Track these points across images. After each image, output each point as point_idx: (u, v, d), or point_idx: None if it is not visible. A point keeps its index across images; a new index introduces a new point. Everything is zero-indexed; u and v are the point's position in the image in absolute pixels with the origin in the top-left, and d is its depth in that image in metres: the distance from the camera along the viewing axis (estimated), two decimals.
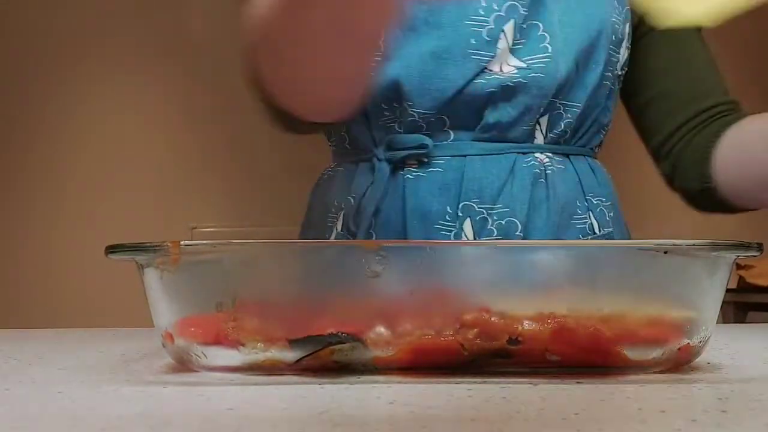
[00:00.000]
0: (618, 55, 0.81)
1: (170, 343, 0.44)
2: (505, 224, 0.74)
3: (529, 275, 0.43)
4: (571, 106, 0.78)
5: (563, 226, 0.77)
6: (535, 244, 0.46)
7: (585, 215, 0.78)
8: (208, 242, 0.42)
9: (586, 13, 0.78)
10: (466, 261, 0.43)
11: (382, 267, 0.41)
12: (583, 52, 0.77)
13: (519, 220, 0.74)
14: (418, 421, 0.32)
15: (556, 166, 0.78)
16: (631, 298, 0.42)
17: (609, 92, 0.81)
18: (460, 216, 0.74)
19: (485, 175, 0.75)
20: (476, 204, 0.74)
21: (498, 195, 0.75)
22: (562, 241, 0.75)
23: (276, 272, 0.44)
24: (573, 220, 0.78)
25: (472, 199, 0.74)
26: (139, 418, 0.33)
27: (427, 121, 0.76)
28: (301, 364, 0.43)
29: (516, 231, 0.74)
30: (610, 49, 0.79)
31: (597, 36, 0.78)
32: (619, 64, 0.82)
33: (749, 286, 2.62)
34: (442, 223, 0.74)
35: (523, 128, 0.76)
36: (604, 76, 0.79)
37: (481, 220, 0.74)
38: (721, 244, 0.42)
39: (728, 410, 0.33)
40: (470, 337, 0.41)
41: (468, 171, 0.75)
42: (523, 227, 0.74)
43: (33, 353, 0.58)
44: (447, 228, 0.74)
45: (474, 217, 0.74)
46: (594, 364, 0.42)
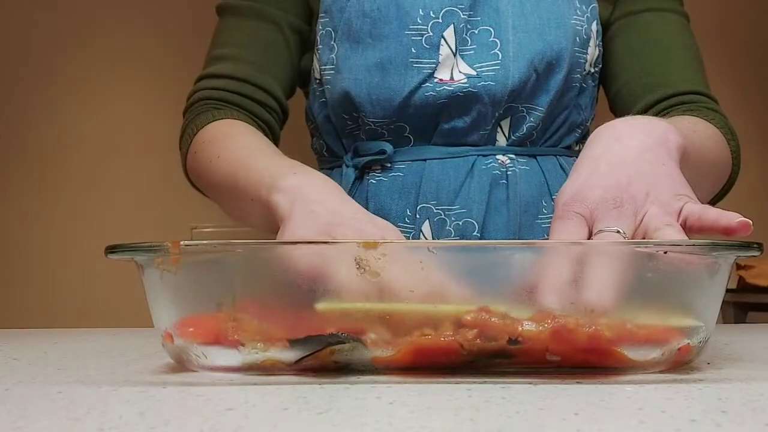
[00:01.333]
0: (585, 56, 0.80)
1: (170, 343, 0.44)
2: (462, 225, 0.75)
3: (529, 276, 0.43)
4: (534, 110, 0.77)
5: (526, 226, 0.77)
6: (535, 244, 0.46)
7: (550, 215, 0.78)
8: (208, 242, 0.42)
9: (542, 17, 0.77)
10: (464, 261, 0.43)
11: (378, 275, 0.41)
12: (541, 57, 0.76)
13: (476, 220, 0.75)
14: (417, 421, 0.32)
15: (519, 167, 0.77)
16: (630, 299, 0.42)
17: (579, 92, 0.81)
18: (418, 218, 0.75)
19: (443, 177, 0.76)
20: (434, 206, 0.75)
21: (455, 196, 0.75)
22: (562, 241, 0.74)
23: (276, 272, 0.44)
24: (538, 219, 0.78)
25: (430, 201, 0.76)
26: (139, 418, 0.33)
27: (387, 129, 0.77)
28: (301, 364, 0.43)
29: (473, 231, 0.75)
30: (574, 51, 0.78)
31: (556, 41, 0.77)
32: (589, 63, 0.81)
33: (749, 286, 2.61)
34: (401, 225, 0.76)
35: (480, 133, 0.76)
36: (571, 78, 0.79)
37: (438, 222, 0.75)
38: (721, 244, 0.42)
39: (728, 410, 0.33)
40: (470, 338, 0.41)
41: (426, 174, 0.76)
42: (480, 228, 0.75)
43: (33, 353, 0.58)
44: (406, 230, 0.76)
45: (432, 218, 0.75)
46: (594, 364, 0.42)
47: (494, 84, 0.74)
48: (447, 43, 0.75)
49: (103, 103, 3.07)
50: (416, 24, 0.75)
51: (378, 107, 0.76)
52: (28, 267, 3.00)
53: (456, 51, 0.75)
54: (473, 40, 0.75)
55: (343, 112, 0.79)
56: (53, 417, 0.33)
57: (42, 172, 3.04)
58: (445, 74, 0.75)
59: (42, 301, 2.95)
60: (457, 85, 0.74)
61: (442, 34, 0.75)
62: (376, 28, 0.76)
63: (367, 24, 0.76)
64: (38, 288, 2.98)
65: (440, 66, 0.75)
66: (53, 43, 3.05)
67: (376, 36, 0.76)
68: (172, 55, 3.06)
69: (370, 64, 0.76)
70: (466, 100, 0.75)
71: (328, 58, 0.79)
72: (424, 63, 0.75)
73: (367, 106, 0.76)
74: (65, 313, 2.87)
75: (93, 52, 3.07)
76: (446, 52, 0.75)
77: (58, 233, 3.00)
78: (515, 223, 0.76)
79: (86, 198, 3.03)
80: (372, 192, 0.78)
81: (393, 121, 0.77)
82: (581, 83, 0.81)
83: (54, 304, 2.93)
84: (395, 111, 0.76)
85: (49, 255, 3.00)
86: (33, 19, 3.07)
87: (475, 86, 0.74)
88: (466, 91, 0.74)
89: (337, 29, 0.78)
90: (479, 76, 0.74)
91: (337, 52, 0.78)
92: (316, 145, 0.88)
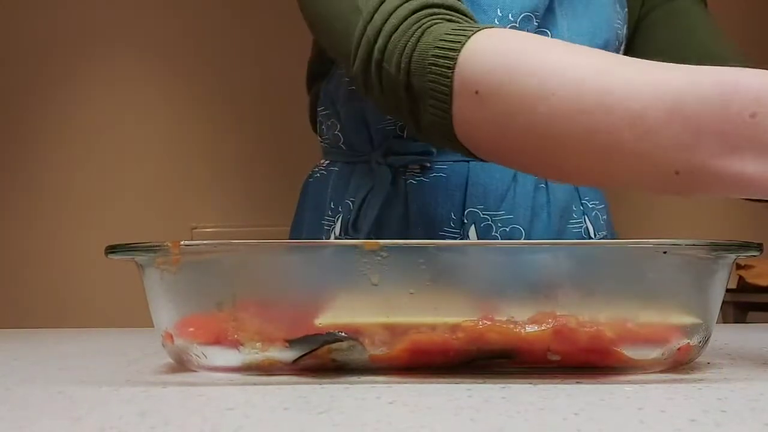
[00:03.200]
0: None
1: (170, 343, 0.44)
2: (510, 231, 0.73)
3: (529, 276, 0.43)
4: None
5: (561, 231, 0.76)
6: (535, 245, 0.46)
7: (581, 219, 0.78)
8: (208, 242, 0.42)
9: (593, 21, 0.77)
10: (466, 262, 0.43)
11: (379, 276, 0.41)
12: None
13: (522, 226, 0.73)
14: (417, 421, 0.32)
15: None
16: (631, 299, 0.42)
17: None
18: (465, 222, 0.73)
19: (489, 180, 0.74)
20: (481, 210, 0.73)
21: (501, 201, 0.74)
22: (562, 241, 0.74)
23: (276, 272, 0.44)
24: (570, 224, 0.77)
25: (477, 205, 0.73)
26: (139, 418, 0.33)
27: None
28: (300, 363, 0.43)
29: (520, 237, 0.73)
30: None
31: (604, 43, 0.77)
32: None
33: (749, 286, 2.62)
34: (446, 229, 0.73)
35: None
36: None
37: (485, 227, 0.73)
38: (721, 244, 0.42)
39: (728, 410, 0.33)
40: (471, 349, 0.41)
41: (472, 176, 0.74)
42: (527, 233, 0.73)
43: (33, 353, 0.58)
44: (452, 234, 0.73)
45: (479, 223, 0.73)
46: (594, 363, 0.42)
47: None
48: None
49: (104, 104, 3.07)
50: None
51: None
52: (29, 267, 3.00)
53: None
54: None
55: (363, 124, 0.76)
56: (54, 417, 0.33)
57: (43, 172, 3.04)
58: None
59: (43, 301, 2.95)
60: None
61: None
62: None
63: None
64: (39, 288, 2.98)
65: None
66: (57, 47, 3.05)
67: None
68: (174, 59, 3.06)
69: None
70: None
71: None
72: None
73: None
74: (66, 313, 2.87)
75: (96, 56, 3.07)
76: None
77: (59, 233, 3.00)
78: (555, 228, 0.75)
79: (87, 198, 3.03)
80: (413, 194, 0.75)
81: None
82: None
83: (54, 304, 2.93)
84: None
85: (49, 255, 3.00)
86: (37, 24, 3.07)
87: None
88: None
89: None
90: None
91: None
92: (329, 136, 0.83)
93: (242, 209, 3.06)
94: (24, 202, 3.03)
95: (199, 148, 3.04)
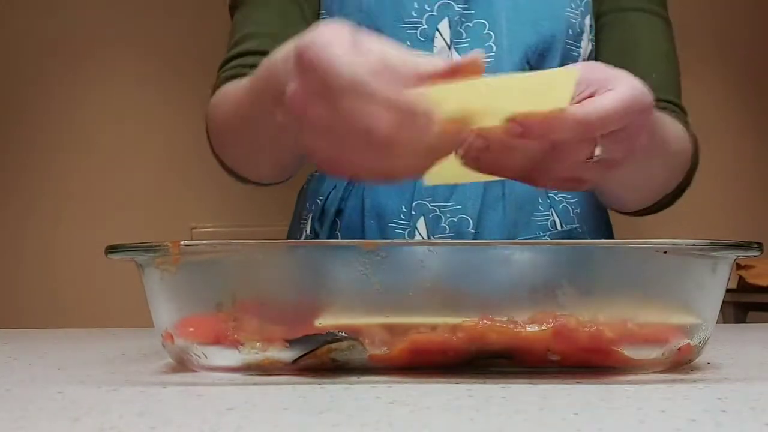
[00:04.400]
0: (578, 49, 0.80)
1: (170, 343, 0.44)
2: (458, 221, 0.75)
3: (530, 276, 0.43)
4: None
5: (522, 224, 0.77)
6: (535, 245, 0.46)
7: (547, 212, 0.78)
8: (208, 242, 0.42)
9: (536, 9, 0.77)
10: (466, 262, 0.43)
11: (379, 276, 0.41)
12: (535, 50, 0.76)
13: (471, 216, 0.75)
14: (417, 421, 0.32)
15: None
16: (631, 299, 0.42)
17: None
18: (413, 214, 0.75)
19: None
20: (429, 202, 0.76)
21: (451, 193, 0.76)
22: (562, 241, 0.75)
23: (276, 272, 0.44)
24: (533, 217, 0.78)
25: (425, 197, 0.76)
26: (139, 418, 0.33)
27: None
28: (299, 363, 0.43)
29: (468, 228, 0.75)
30: (567, 44, 0.78)
31: (550, 33, 0.77)
32: (582, 57, 0.81)
33: (749, 286, 2.61)
34: (396, 221, 0.76)
35: None
36: None
37: (434, 218, 0.75)
38: (721, 244, 0.42)
39: (728, 410, 0.33)
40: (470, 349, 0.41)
41: None
42: (475, 224, 0.75)
43: (33, 353, 0.58)
44: (401, 226, 0.76)
45: (427, 215, 0.75)
46: (595, 363, 0.42)
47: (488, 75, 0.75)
48: (441, 36, 0.76)
49: (104, 105, 3.07)
50: (411, 17, 0.76)
51: None
52: (29, 267, 3.00)
53: (450, 43, 0.76)
54: (468, 33, 0.76)
55: None
56: (53, 417, 0.33)
57: (43, 172, 3.04)
58: None
59: (42, 301, 2.95)
60: None
61: (436, 27, 0.76)
62: (372, 22, 0.77)
63: (363, 19, 0.77)
64: (39, 288, 2.98)
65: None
66: (57, 48, 3.05)
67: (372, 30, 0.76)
68: (173, 59, 3.06)
69: None
70: None
71: None
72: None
73: None
74: (66, 313, 2.87)
75: (96, 57, 3.07)
76: (441, 44, 0.76)
77: (59, 233, 3.00)
78: (511, 221, 0.76)
79: (87, 198, 3.03)
80: (368, 189, 0.78)
81: None
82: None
83: (54, 304, 2.93)
84: None
85: (49, 255, 3.00)
86: (37, 25, 3.07)
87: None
88: None
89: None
90: None
91: None
92: None
93: (242, 209, 3.06)
94: (24, 201, 3.03)
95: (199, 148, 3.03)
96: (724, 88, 3.13)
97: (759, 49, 3.16)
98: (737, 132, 3.14)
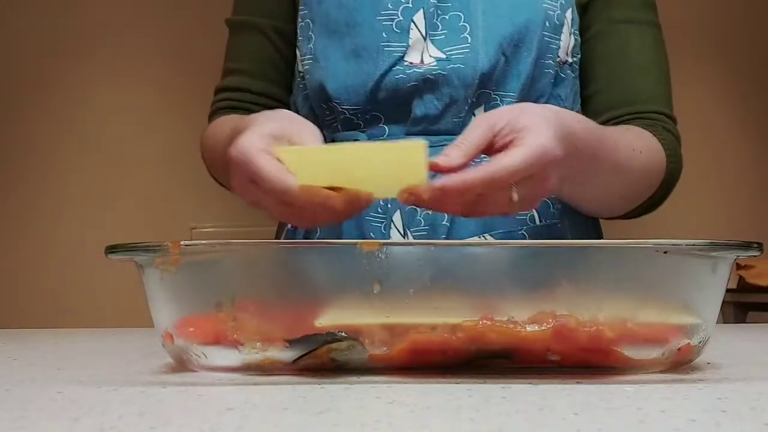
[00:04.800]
0: (557, 41, 0.79)
1: (170, 343, 0.44)
2: (432, 214, 0.75)
3: (530, 276, 0.43)
4: (507, 96, 0.78)
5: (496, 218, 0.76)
6: (535, 245, 0.46)
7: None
8: (208, 242, 0.43)
9: (512, 2, 0.78)
10: (466, 262, 0.43)
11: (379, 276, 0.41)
12: (510, 41, 0.77)
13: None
14: (417, 421, 0.32)
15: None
16: (631, 299, 0.42)
17: (556, 81, 0.80)
18: (389, 207, 0.76)
19: None
20: None
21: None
22: (562, 241, 0.74)
23: (276, 272, 0.44)
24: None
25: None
26: (139, 418, 0.33)
27: (362, 119, 0.78)
28: (299, 363, 0.43)
29: (443, 221, 0.75)
30: (543, 35, 0.78)
31: (525, 24, 0.77)
32: (563, 51, 0.80)
33: (749, 286, 2.62)
34: (372, 215, 0.76)
35: (454, 120, 0.77)
36: (542, 63, 0.78)
37: (410, 212, 0.75)
38: (721, 244, 0.42)
39: (728, 410, 0.33)
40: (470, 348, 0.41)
41: None
42: (450, 217, 0.75)
43: (33, 353, 0.58)
44: (378, 219, 0.76)
45: (403, 208, 0.75)
46: (595, 363, 0.42)
47: (464, 67, 0.75)
48: (417, 27, 0.77)
49: (104, 105, 3.07)
50: (387, 9, 0.77)
51: (352, 93, 0.78)
52: (28, 267, 3.00)
53: (426, 35, 0.77)
54: (444, 25, 0.77)
55: (321, 102, 0.80)
56: (53, 417, 0.33)
57: (43, 173, 3.04)
58: (415, 57, 0.76)
59: (42, 301, 2.95)
60: (426, 68, 0.76)
61: (411, 18, 0.77)
62: (351, 17, 0.78)
63: (342, 13, 0.78)
64: (38, 288, 2.98)
65: (410, 50, 0.76)
66: (57, 48, 3.05)
67: (351, 24, 0.78)
68: (173, 58, 3.06)
69: (346, 52, 0.78)
70: (436, 83, 0.76)
71: (307, 48, 0.82)
72: (394, 46, 0.76)
73: (342, 93, 0.78)
74: (65, 313, 2.87)
75: (96, 56, 3.07)
76: (416, 36, 0.77)
77: (59, 233, 3.00)
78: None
79: (87, 198, 3.03)
80: None
81: (367, 109, 0.78)
82: (557, 71, 0.80)
83: (54, 304, 2.93)
84: (368, 97, 0.77)
85: (49, 255, 3.00)
86: (36, 24, 3.07)
87: (445, 69, 0.76)
88: (435, 73, 0.75)
89: (314, 20, 0.81)
90: (449, 59, 0.76)
91: (314, 43, 0.80)
92: None
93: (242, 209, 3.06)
94: (23, 202, 3.03)
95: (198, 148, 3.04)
96: (724, 88, 3.13)
97: (759, 49, 3.16)
98: (738, 132, 3.14)
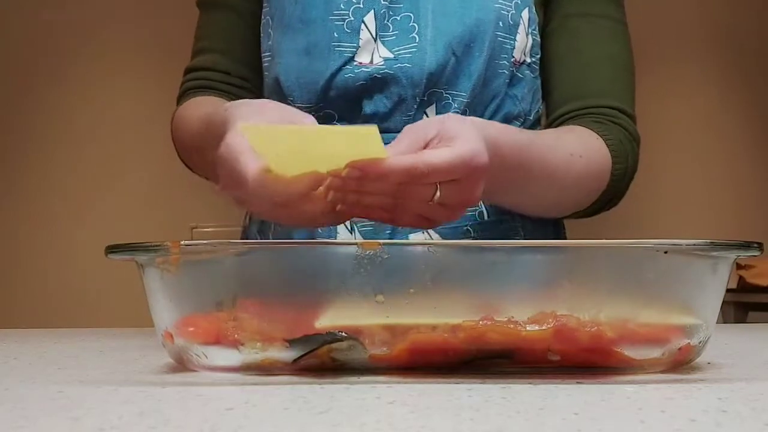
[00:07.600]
0: (512, 42, 0.79)
1: (170, 343, 0.44)
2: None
3: (530, 276, 0.43)
4: (458, 95, 0.78)
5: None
6: (535, 245, 0.46)
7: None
8: (208, 242, 0.42)
9: (463, 2, 0.78)
10: (466, 262, 0.43)
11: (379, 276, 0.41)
12: (461, 41, 0.77)
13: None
14: (417, 421, 0.32)
15: None
16: (631, 299, 0.42)
17: (512, 81, 0.80)
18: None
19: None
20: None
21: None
22: (562, 241, 0.75)
23: (276, 272, 0.44)
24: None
25: None
26: (139, 418, 0.33)
27: (316, 116, 0.78)
28: (300, 363, 0.43)
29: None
30: (497, 36, 0.78)
31: (476, 24, 0.77)
32: (519, 51, 0.80)
33: (749, 286, 2.62)
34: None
35: (404, 118, 0.77)
36: (496, 64, 0.78)
37: None
38: (721, 244, 0.42)
39: (728, 410, 0.33)
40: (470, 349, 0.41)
41: None
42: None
43: (33, 353, 0.58)
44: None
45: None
46: (595, 363, 0.42)
47: (411, 66, 0.76)
48: (367, 28, 0.78)
49: (104, 104, 3.07)
50: (339, 9, 0.78)
51: (304, 91, 0.79)
52: (29, 267, 3.00)
53: (376, 36, 0.78)
54: (395, 26, 0.78)
55: (277, 99, 0.80)
56: (53, 417, 0.33)
57: (43, 172, 3.04)
58: (365, 58, 0.77)
59: (42, 300, 2.95)
60: (374, 67, 0.77)
61: (362, 19, 0.78)
62: (305, 13, 0.79)
63: (297, 10, 0.79)
64: (38, 288, 2.98)
65: (360, 50, 0.77)
66: (55, 46, 3.05)
67: (304, 20, 0.79)
68: (173, 56, 3.06)
69: (299, 49, 0.79)
70: (384, 82, 0.77)
71: (267, 45, 0.83)
72: (344, 47, 0.77)
73: (295, 90, 0.79)
74: (65, 313, 2.87)
75: (95, 54, 3.07)
76: (366, 36, 0.77)
77: (59, 233, 3.00)
78: None
79: (87, 198, 3.03)
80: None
81: (320, 107, 0.79)
82: (512, 71, 0.80)
83: (54, 303, 2.93)
84: (320, 95, 0.78)
85: (49, 255, 3.00)
86: (35, 22, 3.07)
87: (392, 68, 0.76)
88: (383, 72, 0.76)
89: (273, 16, 0.82)
90: (396, 59, 0.77)
91: (273, 39, 0.82)
92: None
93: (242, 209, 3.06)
94: (23, 201, 3.03)
95: None
96: (724, 88, 3.13)
97: (760, 49, 3.16)
98: (738, 132, 3.14)
